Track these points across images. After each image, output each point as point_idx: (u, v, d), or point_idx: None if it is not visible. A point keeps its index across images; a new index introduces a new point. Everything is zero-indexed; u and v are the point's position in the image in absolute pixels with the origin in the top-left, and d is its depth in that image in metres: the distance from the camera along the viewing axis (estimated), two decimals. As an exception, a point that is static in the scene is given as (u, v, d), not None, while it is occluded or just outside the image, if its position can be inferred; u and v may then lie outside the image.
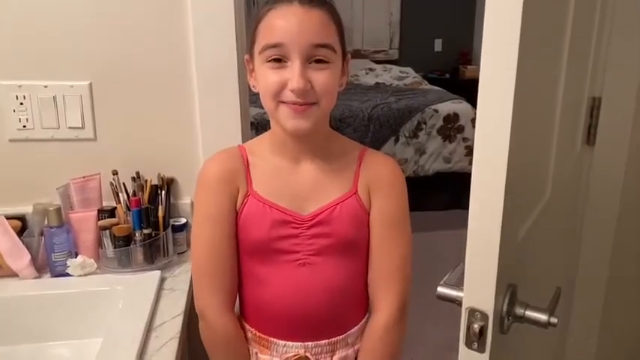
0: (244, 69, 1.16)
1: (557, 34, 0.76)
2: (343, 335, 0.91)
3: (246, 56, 0.87)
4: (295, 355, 0.89)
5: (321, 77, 0.79)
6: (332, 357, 0.91)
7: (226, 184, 0.87)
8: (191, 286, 1.04)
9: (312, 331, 0.89)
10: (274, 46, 0.78)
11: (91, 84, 1.12)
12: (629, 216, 1.29)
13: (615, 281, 1.34)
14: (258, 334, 0.91)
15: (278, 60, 0.79)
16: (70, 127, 1.13)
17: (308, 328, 0.89)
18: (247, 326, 0.93)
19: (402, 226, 0.91)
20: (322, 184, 0.88)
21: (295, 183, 0.88)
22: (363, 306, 0.95)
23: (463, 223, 0.62)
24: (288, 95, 0.79)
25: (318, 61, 0.79)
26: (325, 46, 0.79)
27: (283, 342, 0.89)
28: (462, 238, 0.62)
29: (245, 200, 0.87)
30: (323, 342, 0.90)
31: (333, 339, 0.90)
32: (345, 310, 0.91)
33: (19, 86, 1.10)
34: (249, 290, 0.91)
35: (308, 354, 0.89)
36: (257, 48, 0.81)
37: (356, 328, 0.93)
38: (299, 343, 0.89)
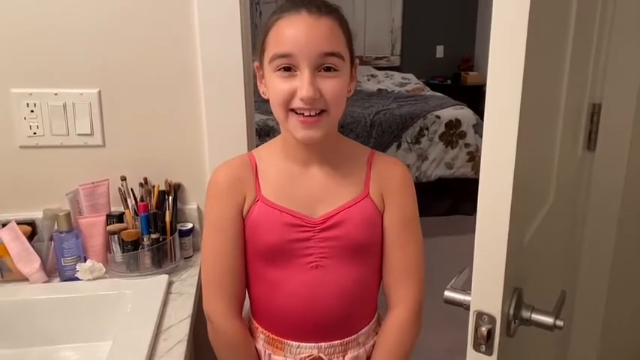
0: (250, 76, 1.19)
1: (560, 43, 0.77)
2: (355, 335, 0.92)
3: (256, 63, 0.88)
4: (309, 356, 0.90)
5: (330, 85, 0.80)
6: (344, 357, 0.92)
7: (233, 191, 0.88)
8: (198, 289, 1.05)
9: (325, 332, 0.90)
10: (283, 55, 0.79)
11: (100, 92, 1.14)
12: (630, 219, 1.30)
13: (617, 284, 1.34)
14: (270, 335, 0.92)
15: (287, 69, 0.80)
16: (79, 134, 1.15)
17: (320, 329, 0.90)
18: (260, 328, 0.94)
19: (416, 225, 0.93)
20: (332, 187, 0.89)
21: (306, 187, 0.89)
22: (373, 306, 0.97)
23: (464, 229, 0.63)
24: (298, 103, 0.80)
25: (328, 69, 0.80)
26: (334, 55, 0.80)
27: (297, 343, 0.90)
28: (463, 243, 0.63)
29: (254, 206, 0.88)
30: (336, 342, 0.91)
31: (345, 339, 0.91)
32: (357, 311, 0.92)
33: (30, 94, 1.11)
34: (261, 293, 0.92)
35: (322, 354, 0.90)
36: (266, 57, 0.82)
37: (367, 327, 0.94)
38: (312, 344, 0.90)
